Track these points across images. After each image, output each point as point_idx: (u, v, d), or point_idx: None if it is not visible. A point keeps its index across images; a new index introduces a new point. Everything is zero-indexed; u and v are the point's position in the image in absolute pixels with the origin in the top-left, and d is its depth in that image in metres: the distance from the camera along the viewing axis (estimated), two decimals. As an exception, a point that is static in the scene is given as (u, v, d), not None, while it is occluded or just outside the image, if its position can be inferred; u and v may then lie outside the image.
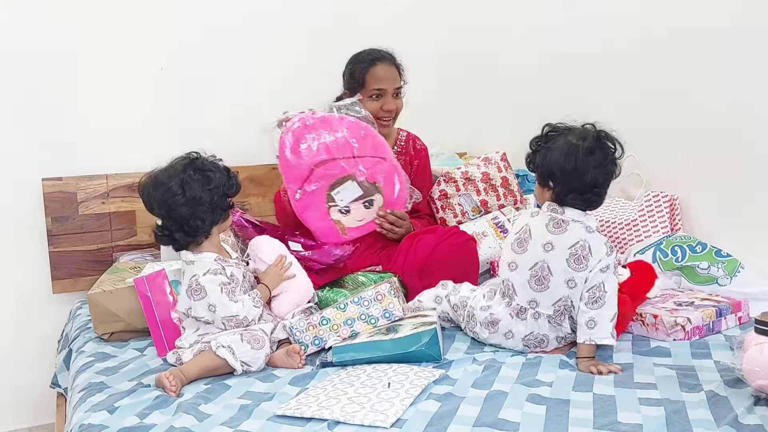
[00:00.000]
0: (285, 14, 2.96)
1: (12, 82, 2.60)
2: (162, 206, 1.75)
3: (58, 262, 2.64)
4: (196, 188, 1.73)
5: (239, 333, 1.71)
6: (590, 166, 1.64)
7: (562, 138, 1.69)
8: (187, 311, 1.76)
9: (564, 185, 1.69)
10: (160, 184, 1.74)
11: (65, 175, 2.65)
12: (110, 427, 1.43)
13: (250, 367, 1.69)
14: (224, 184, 1.78)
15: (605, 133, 1.69)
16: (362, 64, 2.38)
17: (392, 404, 1.41)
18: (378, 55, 2.40)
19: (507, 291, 1.78)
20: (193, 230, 1.75)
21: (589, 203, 1.70)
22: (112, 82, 2.73)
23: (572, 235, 1.69)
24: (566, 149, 1.65)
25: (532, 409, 1.41)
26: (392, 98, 2.39)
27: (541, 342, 1.75)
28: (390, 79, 2.38)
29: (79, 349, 2.02)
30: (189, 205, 1.73)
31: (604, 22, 2.53)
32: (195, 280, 1.73)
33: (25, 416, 2.70)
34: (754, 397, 1.39)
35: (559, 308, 1.72)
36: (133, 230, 2.74)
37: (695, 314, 1.78)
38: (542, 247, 1.71)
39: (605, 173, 1.67)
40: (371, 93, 2.37)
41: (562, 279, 1.69)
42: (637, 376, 1.56)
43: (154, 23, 2.77)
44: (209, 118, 2.86)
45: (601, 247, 1.68)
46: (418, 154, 2.55)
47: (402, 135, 2.56)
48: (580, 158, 1.64)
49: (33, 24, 2.60)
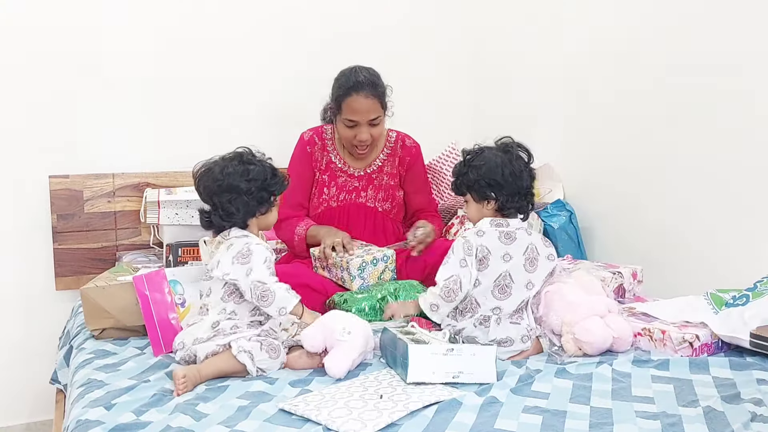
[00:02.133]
0: (295, 15, 2.99)
1: (21, 80, 2.62)
2: (205, 190, 1.84)
3: (62, 259, 2.66)
4: (235, 177, 1.80)
5: (259, 341, 1.72)
6: (522, 168, 1.81)
7: (486, 152, 1.83)
8: (224, 275, 1.76)
9: (507, 191, 1.81)
10: (208, 171, 1.84)
11: (72, 173, 2.67)
12: (106, 423, 1.43)
13: (264, 373, 1.71)
14: (264, 179, 1.83)
15: (518, 143, 1.87)
16: (341, 90, 2.35)
17: (380, 414, 1.40)
18: (356, 82, 2.33)
19: (469, 306, 1.82)
20: (227, 215, 1.81)
21: (526, 208, 1.84)
22: (121, 81, 2.75)
23: (522, 242, 1.82)
24: (499, 159, 1.81)
25: (528, 419, 1.41)
26: (367, 127, 2.35)
27: (506, 343, 1.79)
28: (364, 112, 2.32)
29: (80, 345, 2.03)
30: (227, 192, 1.80)
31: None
32: (247, 246, 1.78)
33: (24, 412, 2.71)
34: (751, 413, 1.39)
35: (518, 308, 1.81)
36: (138, 230, 2.76)
37: (704, 331, 1.78)
38: (501, 258, 1.80)
39: (531, 177, 1.85)
40: (346, 122, 2.36)
41: (522, 284, 1.81)
42: (635, 390, 1.55)
43: (163, 23, 2.79)
44: (217, 119, 2.88)
45: (542, 244, 1.86)
46: (408, 152, 2.54)
47: (392, 136, 2.55)
48: (514, 165, 1.80)
49: (42, 23, 2.63)
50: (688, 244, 2.30)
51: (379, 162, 2.51)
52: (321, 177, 2.49)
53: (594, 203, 2.68)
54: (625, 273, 2.22)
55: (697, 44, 2.20)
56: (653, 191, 2.41)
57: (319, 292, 2.13)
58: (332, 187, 2.48)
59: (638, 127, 2.44)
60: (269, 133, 2.91)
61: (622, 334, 1.78)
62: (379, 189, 2.49)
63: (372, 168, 2.50)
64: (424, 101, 3.15)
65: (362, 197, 2.48)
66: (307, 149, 2.50)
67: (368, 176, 2.50)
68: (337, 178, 2.48)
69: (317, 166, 2.49)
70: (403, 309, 1.95)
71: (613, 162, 2.58)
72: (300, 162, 2.50)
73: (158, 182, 2.73)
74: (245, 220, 1.83)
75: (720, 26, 2.12)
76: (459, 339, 1.75)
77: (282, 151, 2.62)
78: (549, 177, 2.80)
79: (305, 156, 2.49)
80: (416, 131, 2.64)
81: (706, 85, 2.18)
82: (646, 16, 2.37)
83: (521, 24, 2.99)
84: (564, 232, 2.60)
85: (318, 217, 2.45)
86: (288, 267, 2.24)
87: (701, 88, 2.20)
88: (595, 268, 2.26)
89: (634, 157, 2.47)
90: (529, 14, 2.94)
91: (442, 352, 1.59)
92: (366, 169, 2.50)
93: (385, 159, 2.51)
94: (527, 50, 2.96)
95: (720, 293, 1.92)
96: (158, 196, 2.61)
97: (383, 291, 2.11)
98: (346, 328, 1.70)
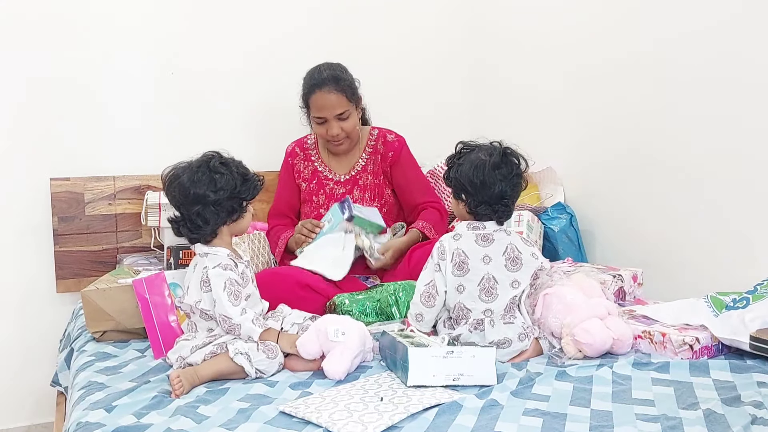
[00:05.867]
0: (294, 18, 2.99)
1: (22, 83, 2.63)
2: (173, 200, 1.79)
3: (63, 262, 2.66)
4: (202, 188, 1.74)
5: (255, 342, 1.72)
6: (497, 179, 1.79)
7: (473, 154, 1.83)
8: (196, 304, 1.76)
9: (474, 197, 1.82)
10: (175, 178, 1.78)
11: (73, 176, 2.68)
12: (107, 425, 1.43)
13: (264, 374, 1.70)
14: (233, 188, 1.78)
15: (511, 150, 1.84)
16: (305, 89, 2.41)
17: (381, 416, 1.41)
18: (318, 80, 2.37)
19: (461, 313, 1.82)
20: (195, 228, 1.77)
21: (500, 214, 1.83)
22: (122, 84, 2.76)
23: (500, 243, 1.83)
24: (475, 164, 1.80)
25: (529, 422, 1.41)
26: (336, 122, 2.38)
27: (504, 344, 1.78)
28: (329, 107, 2.36)
29: (81, 348, 2.03)
30: (195, 203, 1.75)
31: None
32: (205, 272, 1.74)
33: (25, 414, 2.71)
34: (751, 416, 1.39)
35: (509, 307, 1.81)
36: (139, 232, 2.76)
37: (704, 334, 1.78)
38: (481, 261, 1.81)
39: (512, 186, 1.82)
40: (315, 119, 2.41)
41: (507, 283, 1.81)
42: (635, 392, 1.55)
43: (163, 26, 2.80)
44: (217, 122, 2.88)
45: (522, 243, 1.86)
46: (390, 147, 2.52)
47: (373, 133, 2.55)
48: (487, 172, 1.78)
49: (42, 25, 2.63)
50: (688, 247, 2.30)
51: (363, 162, 2.52)
52: (309, 186, 2.53)
53: (594, 206, 2.68)
54: (626, 276, 2.22)
55: (701, 50, 2.20)
56: (654, 194, 2.41)
57: (319, 294, 2.13)
58: (321, 195, 2.52)
59: (639, 130, 2.44)
60: (272, 135, 2.93)
61: (621, 336, 1.78)
62: (365, 189, 2.50)
63: (356, 170, 2.52)
64: (422, 102, 3.15)
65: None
66: (289, 161, 2.58)
67: (353, 179, 2.51)
68: (324, 186, 2.52)
69: (301, 177, 2.55)
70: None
71: (614, 165, 2.58)
72: (285, 173, 2.59)
73: (159, 185, 2.72)
74: (215, 230, 1.79)
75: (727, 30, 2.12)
76: (458, 343, 1.75)
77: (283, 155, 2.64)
78: (550, 180, 2.80)
79: (288, 168, 2.58)
80: (415, 132, 2.65)
81: (707, 88, 2.18)
82: (651, 20, 2.37)
83: (522, 24, 2.99)
84: (564, 234, 2.60)
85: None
86: (289, 268, 2.24)
87: (702, 91, 2.20)
88: (596, 270, 2.26)
89: (634, 159, 2.47)
90: (530, 15, 2.94)
91: (442, 355, 1.59)
92: (350, 172, 2.52)
93: (367, 158, 2.52)
94: (528, 51, 2.96)
95: (720, 296, 1.92)
96: (159, 199, 2.61)
97: (383, 292, 2.12)
98: (339, 329, 1.70)
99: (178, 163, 1.80)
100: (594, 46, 2.61)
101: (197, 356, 1.71)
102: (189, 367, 1.68)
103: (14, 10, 2.60)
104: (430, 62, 3.20)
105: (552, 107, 2.85)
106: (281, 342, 1.75)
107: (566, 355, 1.78)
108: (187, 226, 1.77)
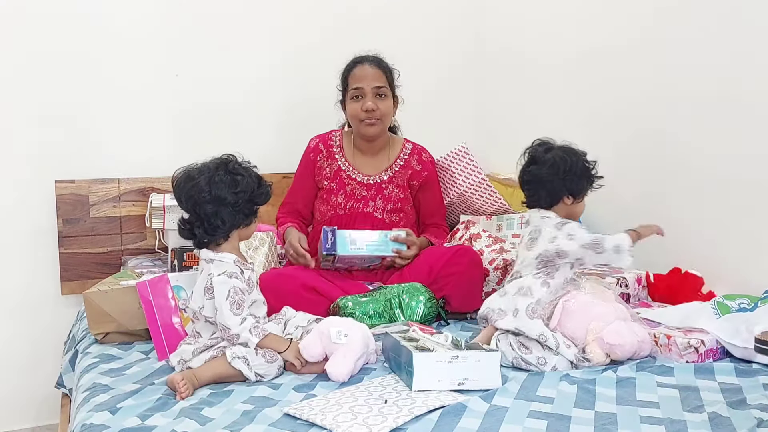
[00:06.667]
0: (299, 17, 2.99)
1: (28, 85, 2.63)
2: (188, 200, 1.78)
3: (67, 264, 2.66)
4: (223, 189, 1.75)
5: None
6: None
7: (549, 153, 1.94)
8: (200, 309, 1.76)
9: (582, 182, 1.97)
10: (190, 179, 1.77)
11: (78, 178, 2.68)
12: (111, 427, 1.44)
13: (263, 378, 1.71)
14: (252, 191, 1.79)
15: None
16: (346, 68, 2.43)
17: (385, 419, 1.41)
18: (360, 57, 2.43)
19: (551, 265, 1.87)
20: (212, 228, 1.77)
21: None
22: (127, 86, 2.76)
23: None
24: (567, 151, 1.95)
25: (533, 424, 1.41)
26: (373, 97, 2.36)
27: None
28: (368, 78, 2.37)
29: (85, 350, 2.04)
30: (213, 204, 1.75)
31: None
32: (210, 279, 1.75)
33: (30, 415, 2.72)
34: (757, 419, 1.39)
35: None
36: (143, 234, 2.76)
37: (709, 337, 1.77)
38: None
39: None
40: (352, 94, 2.39)
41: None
42: (640, 395, 1.55)
43: (169, 29, 2.80)
44: (222, 124, 2.89)
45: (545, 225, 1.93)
46: (425, 167, 2.51)
47: (407, 147, 2.52)
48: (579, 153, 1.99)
49: (47, 28, 2.64)
50: (693, 250, 2.29)
51: (392, 171, 2.46)
52: (329, 185, 2.45)
53: (599, 208, 2.67)
54: (630, 278, 2.22)
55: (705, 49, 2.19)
56: (659, 196, 2.40)
57: (324, 296, 2.13)
58: (340, 195, 2.43)
59: (645, 130, 2.44)
60: (277, 137, 2.94)
61: (644, 339, 1.77)
62: (389, 200, 2.44)
63: (382, 177, 2.45)
64: (426, 100, 3.14)
65: (370, 207, 2.43)
66: (310, 157, 2.49)
67: (377, 185, 2.44)
68: (345, 186, 2.44)
69: (322, 175, 2.47)
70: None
71: (619, 166, 2.57)
72: (304, 168, 2.51)
73: (164, 187, 2.74)
74: (230, 232, 1.80)
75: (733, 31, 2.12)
76: (461, 342, 1.74)
77: (289, 157, 2.64)
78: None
79: (309, 164, 2.49)
80: (417, 130, 2.64)
81: (714, 89, 2.17)
82: (657, 16, 2.36)
83: (525, 24, 2.99)
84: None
85: (326, 223, 2.40)
86: (294, 269, 2.24)
87: (709, 92, 2.19)
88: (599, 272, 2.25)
89: (639, 161, 2.47)
90: (533, 14, 2.94)
91: (447, 360, 1.59)
92: (376, 177, 2.45)
93: (397, 170, 2.46)
94: (531, 50, 2.96)
95: (727, 300, 1.92)
96: (164, 201, 2.61)
97: (387, 294, 2.12)
98: (341, 331, 1.70)
99: (190, 165, 1.81)
100: (599, 45, 2.61)
101: (198, 360, 1.72)
102: (188, 370, 1.69)
103: (19, 11, 2.61)
104: (433, 60, 3.19)
105: (553, 107, 2.85)
106: (287, 354, 1.74)
107: (592, 361, 1.74)
108: (203, 226, 1.76)
